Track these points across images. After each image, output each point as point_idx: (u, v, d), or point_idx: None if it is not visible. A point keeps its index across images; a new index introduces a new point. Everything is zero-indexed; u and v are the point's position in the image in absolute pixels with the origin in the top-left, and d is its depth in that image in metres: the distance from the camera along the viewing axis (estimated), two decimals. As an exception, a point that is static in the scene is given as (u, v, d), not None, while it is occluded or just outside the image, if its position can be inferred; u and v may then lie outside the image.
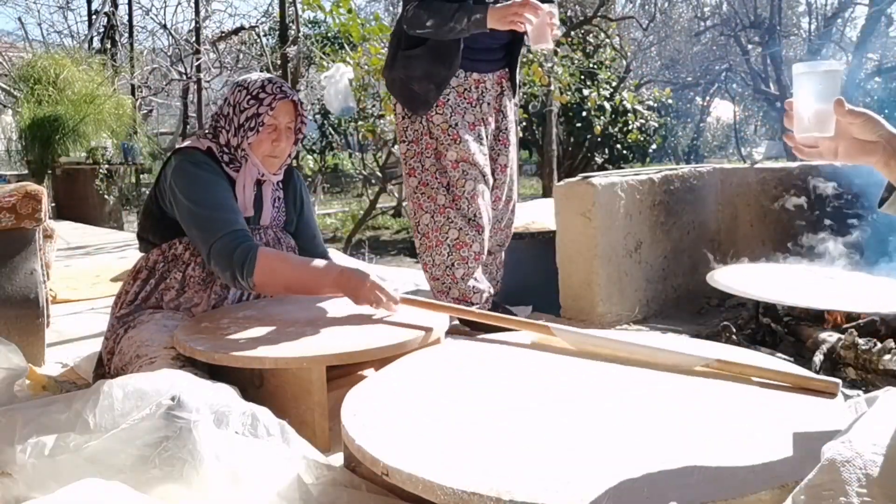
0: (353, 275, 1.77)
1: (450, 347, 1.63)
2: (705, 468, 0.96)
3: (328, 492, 1.09)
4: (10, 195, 2.07)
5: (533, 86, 7.61)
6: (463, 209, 2.35)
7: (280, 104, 1.90)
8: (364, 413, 1.21)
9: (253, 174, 1.94)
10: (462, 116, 2.39)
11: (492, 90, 2.47)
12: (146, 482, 1.05)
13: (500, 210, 2.54)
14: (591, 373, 1.36)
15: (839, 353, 1.93)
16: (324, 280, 1.79)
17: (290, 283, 1.83)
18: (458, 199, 2.36)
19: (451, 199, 2.37)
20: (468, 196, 2.35)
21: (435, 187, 2.38)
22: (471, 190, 2.35)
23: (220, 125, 1.93)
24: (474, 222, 2.36)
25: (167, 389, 1.14)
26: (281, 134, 1.92)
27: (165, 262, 1.91)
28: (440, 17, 2.31)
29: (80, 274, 3.82)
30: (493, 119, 2.49)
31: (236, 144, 1.91)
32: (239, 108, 1.89)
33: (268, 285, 1.81)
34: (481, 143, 2.41)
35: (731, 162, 11.55)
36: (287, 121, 1.92)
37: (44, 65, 7.75)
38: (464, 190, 2.35)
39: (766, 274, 2.47)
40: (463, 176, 2.36)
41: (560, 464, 0.98)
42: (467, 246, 2.36)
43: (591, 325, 2.42)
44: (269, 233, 2.00)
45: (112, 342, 1.85)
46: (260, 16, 11.88)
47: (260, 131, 1.89)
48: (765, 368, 1.28)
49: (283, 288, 1.86)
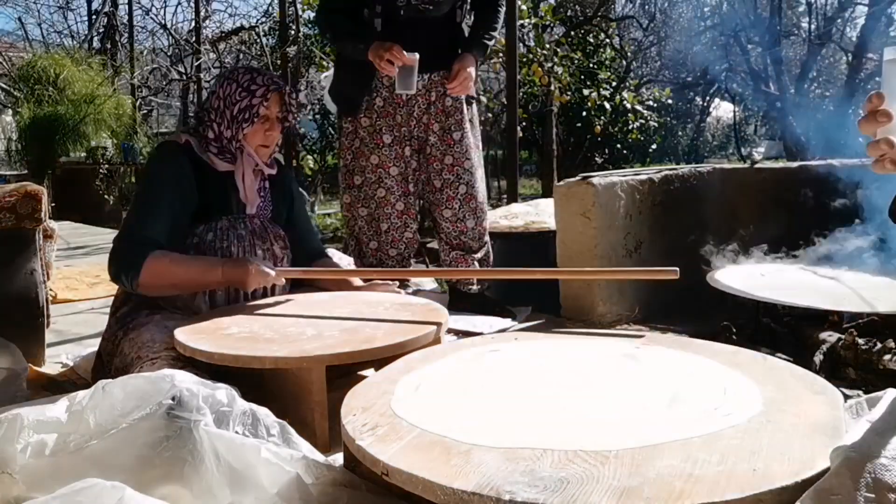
0: (236, 266, 1.86)
1: (450, 347, 1.63)
2: (705, 468, 0.96)
3: (328, 492, 1.09)
4: (10, 195, 2.07)
5: (533, 86, 7.61)
6: (371, 212, 2.56)
7: (274, 95, 1.95)
8: (363, 413, 1.21)
9: (251, 164, 1.98)
10: (388, 119, 2.51)
11: (432, 91, 2.53)
12: (146, 482, 1.05)
13: (460, 210, 2.58)
14: (591, 372, 1.36)
15: (839, 353, 1.92)
16: (209, 277, 1.86)
17: (176, 282, 1.86)
18: (367, 201, 2.56)
19: (362, 199, 2.56)
20: (378, 200, 2.54)
21: (350, 186, 2.58)
22: (382, 196, 2.54)
23: (210, 118, 1.96)
24: (374, 224, 2.56)
25: (168, 389, 1.14)
26: (273, 124, 1.98)
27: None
28: (334, 33, 2.53)
29: (80, 274, 3.82)
30: (435, 120, 2.54)
31: (230, 136, 1.94)
32: (230, 100, 1.93)
33: (153, 286, 1.84)
34: (405, 146, 2.53)
35: (731, 162, 11.54)
36: (277, 111, 1.98)
37: (44, 65, 7.75)
38: (375, 194, 2.54)
39: (766, 274, 2.47)
40: (378, 181, 2.53)
41: (561, 463, 0.98)
42: (365, 243, 2.61)
43: (592, 325, 2.42)
44: (256, 222, 2.01)
45: (112, 343, 1.85)
46: (260, 16, 11.86)
47: (255, 122, 1.93)
48: (609, 270, 1.34)
49: (171, 286, 1.87)
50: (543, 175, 9.60)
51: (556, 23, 9.02)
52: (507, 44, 4.15)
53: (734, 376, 1.30)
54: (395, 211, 2.55)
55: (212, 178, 1.96)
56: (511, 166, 4.20)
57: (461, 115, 2.55)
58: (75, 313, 3.00)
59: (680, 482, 0.92)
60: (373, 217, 2.58)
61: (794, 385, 1.25)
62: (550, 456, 1.01)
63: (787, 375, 1.30)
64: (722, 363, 1.37)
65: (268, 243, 2.00)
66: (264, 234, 2.00)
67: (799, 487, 0.90)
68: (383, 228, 2.56)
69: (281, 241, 2.04)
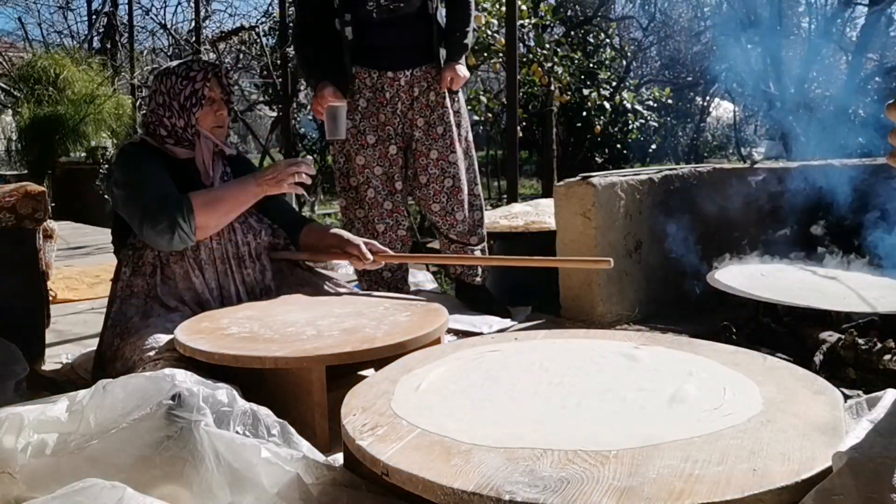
0: (267, 169, 1.98)
1: (450, 347, 1.63)
2: (705, 468, 0.96)
3: (328, 492, 1.09)
4: (10, 195, 2.07)
5: (533, 86, 7.60)
6: (366, 213, 2.59)
7: (213, 78, 2.03)
8: (364, 413, 1.21)
9: (209, 146, 2.04)
10: (371, 120, 2.53)
11: (415, 87, 2.54)
12: (147, 482, 1.05)
13: (448, 203, 2.60)
14: (591, 372, 1.36)
15: (839, 353, 1.92)
16: (248, 188, 1.95)
17: (226, 207, 1.94)
18: (361, 202, 2.58)
19: (357, 201, 2.59)
20: (368, 202, 2.56)
21: (345, 188, 2.62)
22: (371, 197, 2.56)
23: (159, 115, 2.01)
24: (370, 226, 2.58)
25: (168, 389, 1.14)
26: (220, 105, 2.05)
27: (132, 262, 1.96)
28: (299, 59, 2.68)
29: (80, 274, 3.82)
30: (419, 115, 2.56)
31: (183, 125, 2.00)
32: (173, 91, 2.00)
33: (209, 220, 1.90)
34: (390, 144, 2.55)
35: (731, 162, 11.55)
36: (220, 92, 2.05)
37: (44, 65, 7.74)
38: (365, 195, 2.56)
39: (766, 274, 2.47)
40: (366, 182, 2.55)
41: (561, 463, 0.98)
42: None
43: (592, 325, 2.42)
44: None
45: (110, 349, 1.85)
46: (260, 16, 11.86)
47: (203, 105, 1.99)
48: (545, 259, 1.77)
49: (223, 214, 1.94)
50: (543, 175, 9.59)
51: (556, 23, 9.02)
52: (507, 44, 4.15)
53: (734, 376, 1.30)
54: (384, 210, 2.57)
55: (174, 166, 2.01)
56: (511, 166, 4.19)
57: (444, 109, 2.57)
58: (75, 313, 3.00)
59: (680, 482, 0.92)
60: (368, 219, 2.59)
61: (794, 385, 1.25)
62: (550, 456, 1.01)
63: (787, 375, 1.30)
64: (722, 363, 1.38)
65: (242, 216, 2.02)
66: (237, 220, 2.03)
67: (799, 487, 0.90)
68: (380, 230, 2.57)
69: (256, 216, 2.08)
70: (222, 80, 2.07)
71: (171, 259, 1.94)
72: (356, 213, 2.62)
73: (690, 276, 2.84)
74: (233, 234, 1.99)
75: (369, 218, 2.59)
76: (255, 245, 2.04)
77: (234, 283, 2.00)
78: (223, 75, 2.08)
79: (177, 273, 1.94)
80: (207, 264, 1.96)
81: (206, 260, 1.96)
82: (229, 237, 1.99)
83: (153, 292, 1.92)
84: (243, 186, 1.96)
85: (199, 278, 1.95)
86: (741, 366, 1.36)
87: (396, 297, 2.06)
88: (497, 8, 5.83)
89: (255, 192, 1.96)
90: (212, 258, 1.97)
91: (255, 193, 1.96)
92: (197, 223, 1.87)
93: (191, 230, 1.87)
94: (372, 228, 2.59)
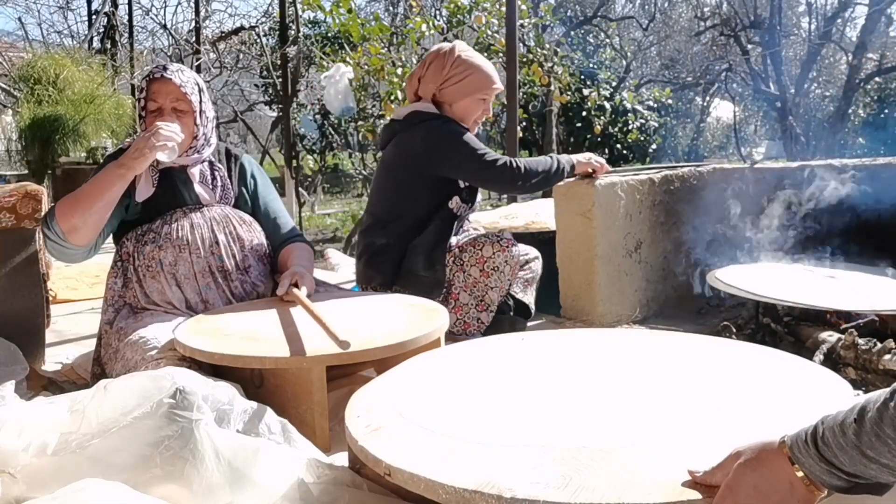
0: (132, 145, 1.83)
1: (450, 350, 1.63)
2: (707, 466, 0.96)
3: (329, 491, 1.09)
4: (10, 195, 2.07)
5: (533, 86, 7.61)
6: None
7: (156, 86, 1.91)
8: (366, 414, 1.21)
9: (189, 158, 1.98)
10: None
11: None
12: (147, 481, 1.05)
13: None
14: (593, 371, 1.36)
15: (839, 353, 1.93)
16: (111, 172, 1.81)
17: (91, 200, 1.80)
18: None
19: None
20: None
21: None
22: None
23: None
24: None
25: (168, 388, 1.14)
26: (165, 116, 1.91)
27: (122, 262, 1.95)
28: None
29: (80, 274, 3.82)
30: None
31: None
32: (140, 100, 1.94)
33: (74, 219, 1.78)
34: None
35: (731, 162, 11.55)
36: (170, 100, 1.92)
37: (44, 65, 7.73)
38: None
39: (766, 274, 2.47)
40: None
41: (561, 462, 0.98)
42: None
43: (592, 325, 2.42)
44: (215, 209, 2.01)
45: (108, 352, 1.85)
46: (260, 16, 11.86)
47: (145, 117, 1.92)
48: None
49: (88, 207, 1.81)
50: (543, 175, 9.57)
51: (556, 23, 9.02)
52: (507, 44, 4.15)
53: (735, 373, 1.30)
54: None
55: (163, 174, 1.97)
56: (511, 166, 4.18)
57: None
58: (75, 313, 3.00)
59: (682, 478, 0.92)
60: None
61: (794, 383, 1.25)
62: (552, 453, 1.01)
63: (786, 374, 1.30)
64: (722, 361, 1.37)
65: (230, 227, 1.98)
66: (226, 220, 2.00)
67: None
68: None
69: (246, 226, 2.03)
70: (174, 80, 1.91)
71: (147, 274, 1.90)
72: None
73: (690, 276, 2.84)
74: (215, 246, 1.94)
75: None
76: (241, 258, 1.98)
77: (221, 297, 1.94)
78: (178, 73, 1.93)
79: (153, 288, 1.90)
80: (188, 279, 1.91)
81: (185, 275, 1.90)
82: (211, 251, 1.93)
83: (139, 304, 1.90)
84: (107, 172, 1.82)
85: (175, 293, 1.90)
86: (741, 363, 1.36)
87: (396, 297, 2.06)
88: (497, 8, 5.83)
89: (120, 174, 1.81)
90: (191, 272, 1.91)
91: (120, 175, 1.81)
92: (64, 227, 1.77)
93: (58, 236, 1.78)
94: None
